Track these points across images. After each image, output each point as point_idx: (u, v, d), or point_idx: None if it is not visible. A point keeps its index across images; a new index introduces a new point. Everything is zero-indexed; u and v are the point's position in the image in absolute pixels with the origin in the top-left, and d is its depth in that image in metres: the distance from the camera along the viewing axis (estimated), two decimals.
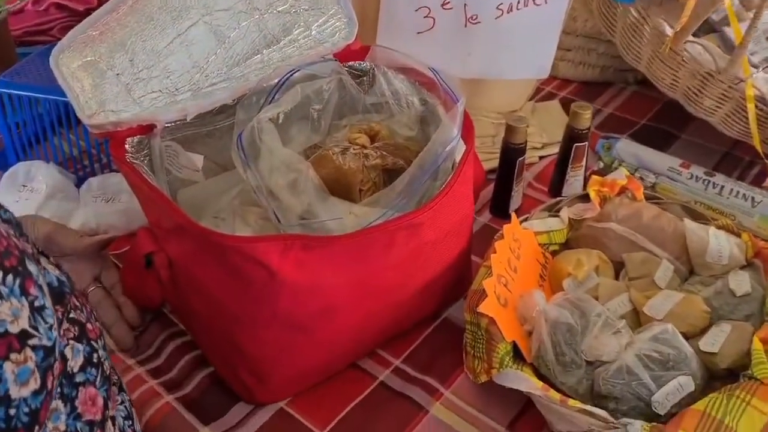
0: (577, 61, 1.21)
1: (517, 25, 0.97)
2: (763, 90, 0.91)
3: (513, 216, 0.79)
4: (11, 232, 0.44)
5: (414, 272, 0.71)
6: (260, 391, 0.69)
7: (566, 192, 0.96)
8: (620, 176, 0.87)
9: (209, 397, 0.72)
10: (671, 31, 0.93)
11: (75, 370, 0.50)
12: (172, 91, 0.77)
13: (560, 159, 0.96)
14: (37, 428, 0.42)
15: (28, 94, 0.93)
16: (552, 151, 1.05)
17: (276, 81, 0.76)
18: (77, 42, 0.75)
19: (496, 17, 0.96)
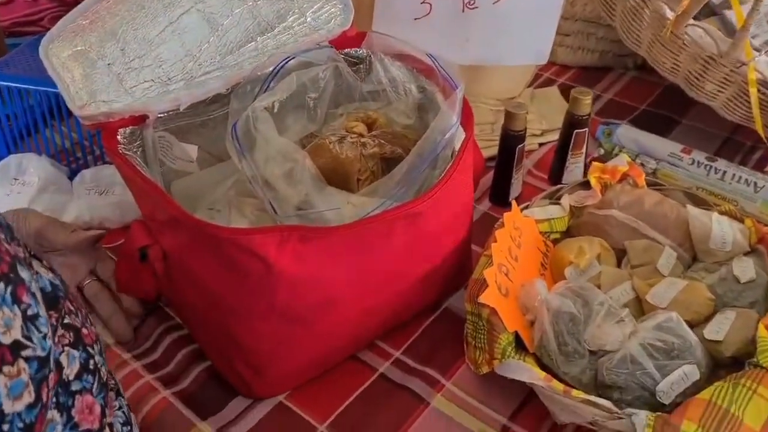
0: (575, 47, 1.19)
1: (515, 10, 0.96)
2: (765, 73, 0.89)
3: (513, 204, 0.78)
4: (1, 236, 0.42)
5: (414, 262, 0.70)
6: (258, 384, 0.68)
7: (566, 179, 0.95)
8: (621, 163, 0.86)
9: (207, 391, 0.71)
10: (672, 14, 0.92)
11: (71, 378, 0.49)
12: (165, 80, 0.75)
13: (560, 146, 0.95)
14: None
15: (18, 85, 0.91)
16: (552, 138, 1.03)
17: (271, 69, 0.75)
18: (67, 31, 0.73)
19: (494, 2, 0.95)
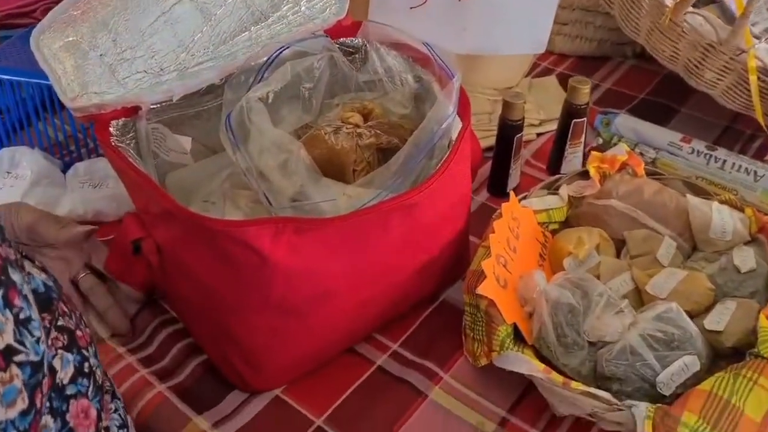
0: (573, 35, 1.18)
1: None
2: (765, 61, 0.88)
3: (511, 194, 0.77)
4: None
5: (411, 254, 0.69)
6: (255, 378, 0.68)
7: (565, 169, 0.94)
8: (620, 152, 0.85)
9: (203, 385, 0.70)
10: (671, 1, 0.91)
11: (65, 382, 0.48)
12: (157, 71, 0.74)
13: (558, 135, 0.94)
14: None
15: (10, 78, 0.90)
16: (550, 127, 1.02)
17: (265, 59, 0.74)
18: (58, 22, 0.72)
19: None
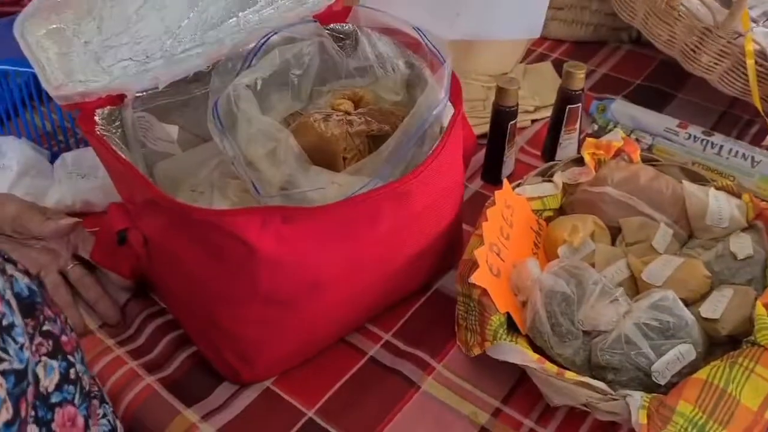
0: (569, 20, 1.17)
1: None
2: (762, 44, 0.87)
3: (505, 182, 0.76)
4: None
5: (402, 243, 0.68)
6: (244, 370, 0.67)
7: (560, 156, 0.93)
8: (616, 138, 0.84)
9: (192, 377, 0.69)
10: None
11: (50, 390, 0.46)
12: (143, 58, 0.73)
13: (553, 122, 0.92)
14: None
15: None
16: (545, 114, 1.01)
17: (253, 45, 0.73)
18: (42, 9, 0.70)
19: None
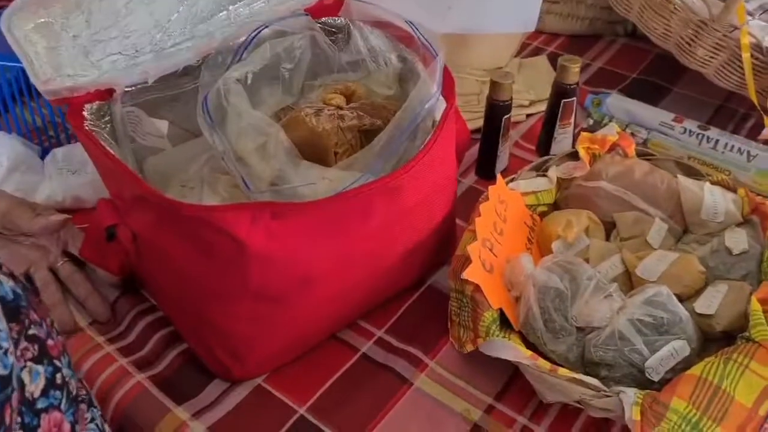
0: (565, 14, 1.16)
1: None
2: (758, 38, 0.86)
3: (499, 177, 0.75)
4: None
5: (394, 239, 0.67)
6: (236, 367, 0.66)
7: (555, 150, 0.92)
8: (611, 132, 0.83)
9: (183, 375, 0.68)
10: None
11: (36, 396, 0.46)
12: (133, 52, 0.72)
13: (548, 116, 0.92)
14: None
15: None
16: (540, 108, 1.00)
17: (243, 38, 0.72)
18: (30, 2, 0.70)
19: None
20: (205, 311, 0.63)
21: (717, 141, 0.90)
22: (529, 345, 0.65)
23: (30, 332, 0.47)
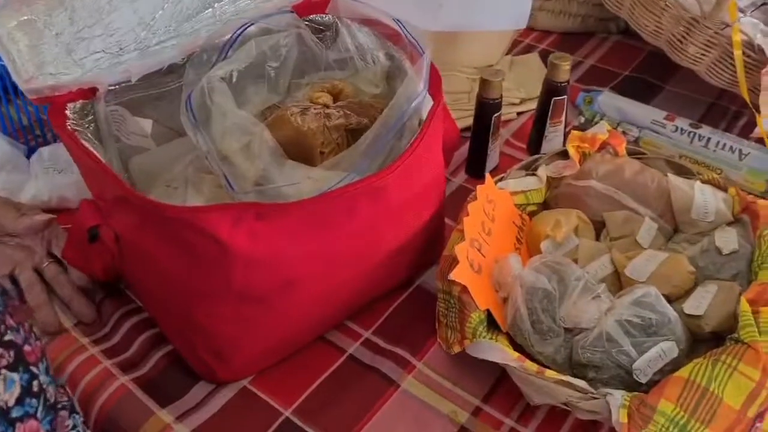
0: (557, 11, 1.15)
1: None
2: (750, 35, 0.86)
3: (487, 176, 0.75)
4: None
5: (381, 239, 0.66)
6: (221, 369, 0.65)
7: (546, 149, 0.91)
8: (601, 130, 0.82)
9: (168, 377, 0.68)
10: None
11: (10, 404, 0.45)
12: (117, 51, 0.71)
13: (538, 114, 0.91)
14: None
15: None
16: (531, 106, 1.00)
17: (228, 36, 0.71)
18: (13, 0, 0.69)
19: None
20: (189, 312, 0.62)
21: (709, 139, 0.89)
22: (517, 346, 0.64)
23: (6, 338, 0.46)
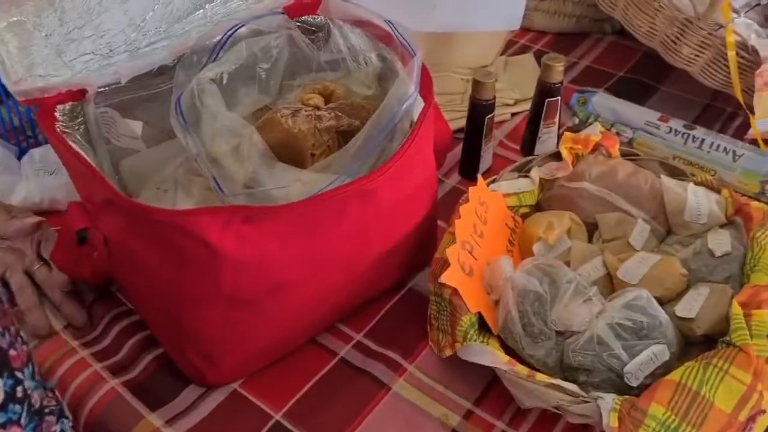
0: (552, 11, 1.15)
1: None
2: (744, 36, 0.85)
3: (479, 178, 0.74)
4: None
5: (372, 241, 0.66)
6: (210, 372, 0.65)
7: (539, 150, 0.91)
8: (594, 132, 0.82)
9: (158, 380, 0.67)
10: None
11: None
12: (107, 52, 0.71)
13: (532, 115, 0.91)
14: None
15: None
16: (525, 107, 0.99)
17: (219, 38, 0.70)
18: (2, 1, 0.69)
19: None
20: (179, 315, 0.62)
21: (703, 140, 0.89)
22: (508, 349, 0.64)
23: None
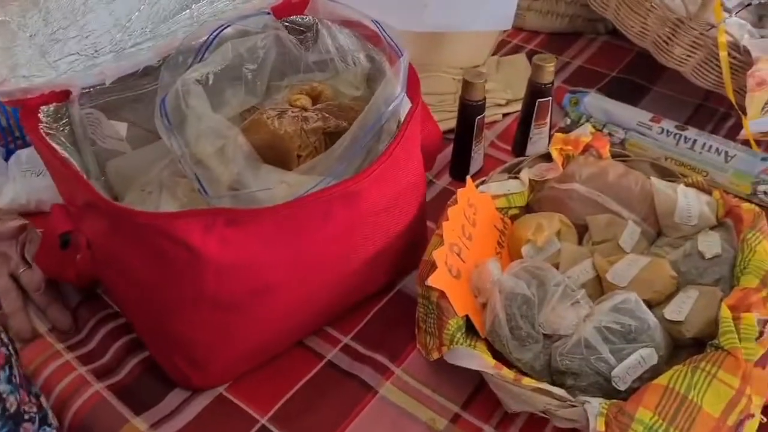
0: (544, 11, 1.14)
1: None
2: (736, 36, 0.85)
3: (468, 180, 0.74)
4: None
5: (358, 244, 0.65)
6: (195, 375, 0.64)
7: (530, 151, 0.90)
8: (585, 133, 0.82)
9: (143, 384, 0.67)
10: None
11: None
12: (92, 53, 0.70)
13: (523, 116, 0.90)
14: None
15: None
16: (517, 108, 0.98)
17: (204, 38, 0.70)
18: None
19: None
20: (163, 319, 0.62)
21: (695, 141, 0.88)
22: (496, 353, 0.63)
23: None
